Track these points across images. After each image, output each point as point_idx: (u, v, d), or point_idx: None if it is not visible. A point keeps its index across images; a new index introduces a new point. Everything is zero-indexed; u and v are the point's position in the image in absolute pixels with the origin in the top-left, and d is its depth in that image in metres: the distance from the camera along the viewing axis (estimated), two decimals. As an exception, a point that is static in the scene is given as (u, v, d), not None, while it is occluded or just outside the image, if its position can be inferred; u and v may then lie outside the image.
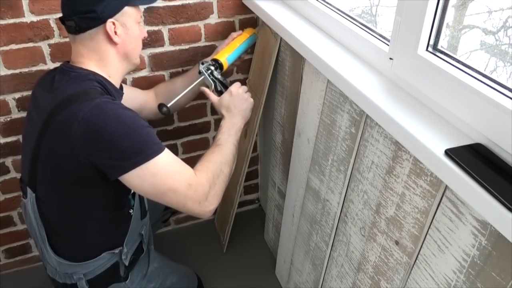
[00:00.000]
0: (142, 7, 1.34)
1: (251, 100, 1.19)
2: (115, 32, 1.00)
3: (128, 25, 1.03)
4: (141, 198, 1.17)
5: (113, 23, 0.99)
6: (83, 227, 1.06)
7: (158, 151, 0.95)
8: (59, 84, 0.99)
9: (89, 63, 1.02)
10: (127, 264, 1.14)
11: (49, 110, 0.95)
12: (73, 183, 0.98)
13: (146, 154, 0.93)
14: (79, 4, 0.97)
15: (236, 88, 1.17)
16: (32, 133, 1.01)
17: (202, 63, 1.22)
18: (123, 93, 1.12)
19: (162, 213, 1.59)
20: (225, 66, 1.24)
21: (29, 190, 1.04)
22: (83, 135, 0.91)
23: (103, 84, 1.01)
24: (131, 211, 1.13)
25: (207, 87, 1.22)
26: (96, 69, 1.03)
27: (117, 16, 1.00)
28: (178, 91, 1.25)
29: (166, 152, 0.98)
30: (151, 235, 1.30)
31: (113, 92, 1.03)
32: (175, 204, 0.99)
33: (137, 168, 0.93)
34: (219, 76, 1.20)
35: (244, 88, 1.19)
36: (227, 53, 1.26)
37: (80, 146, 0.92)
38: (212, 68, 1.20)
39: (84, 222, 1.05)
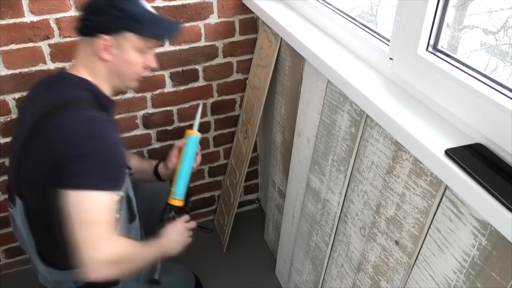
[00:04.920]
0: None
1: (188, 238, 1.23)
2: (106, 49, 1.00)
3: (125, 49, 1.02)
4: (129, 201, 1.14)
5: (105, 40, 0.98)
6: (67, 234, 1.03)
7: (111, 188, 0.93)
8: (53, 90, 1.01)
9: (83, 70, 1.04)
10: None
11: (38, 115, 0.96)
12: (51, 191, 0.95)
13: (99, 182, 0.91)
14: (86, 9, 1.00)
15: (181, 222, 1.22)
16: (19, 138, 1.01)
17: (166, 210, 1.25)
18: (114, 102, 1.12)
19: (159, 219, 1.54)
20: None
21: (17, 199, 1.02)
22: (61, 140, 0.91)
23: (96, 93, 1.02)
24: (117, 215, 1.11)
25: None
26: (88, 76, 1.04)
27: (115, 35, 0.99)
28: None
29: (113, 196, 0.95)
30: (143, 238, 1.28)
31: (105, 103, 1.04)
32: (88, 240, 0.90)
33: (81, 190, 0.89)
34: (175, 218, 1.24)
35: (188, 226, 1.24)
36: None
37: (57, 151, 0.90)
38: (173, 212, 1.24)
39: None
